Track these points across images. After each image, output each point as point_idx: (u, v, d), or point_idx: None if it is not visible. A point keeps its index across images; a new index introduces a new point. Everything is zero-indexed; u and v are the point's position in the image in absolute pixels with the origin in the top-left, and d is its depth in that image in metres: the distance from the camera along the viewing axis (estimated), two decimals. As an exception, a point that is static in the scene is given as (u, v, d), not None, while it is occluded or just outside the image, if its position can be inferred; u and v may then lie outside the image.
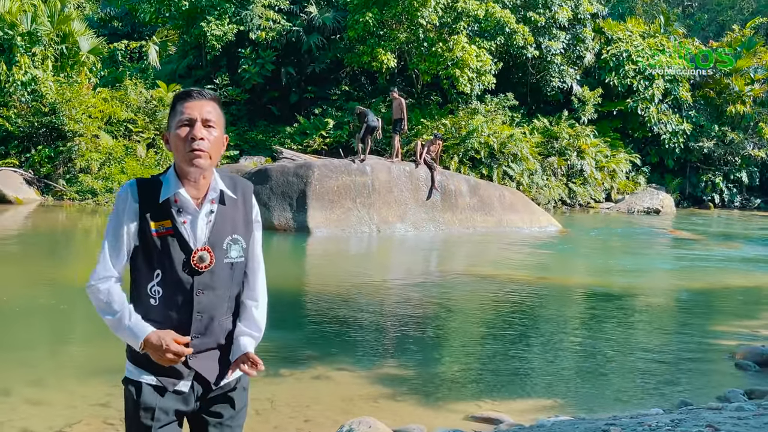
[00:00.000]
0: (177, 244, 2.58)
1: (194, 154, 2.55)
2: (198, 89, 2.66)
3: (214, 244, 2.61)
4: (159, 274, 2.58)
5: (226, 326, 2.71)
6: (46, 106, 23.62)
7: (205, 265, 2.58)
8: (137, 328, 2.53)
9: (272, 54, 29.88)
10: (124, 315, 2.55)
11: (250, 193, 2.77)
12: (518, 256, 16.31)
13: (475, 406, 6.47)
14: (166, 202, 2.59)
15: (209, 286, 2.61)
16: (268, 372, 7.07)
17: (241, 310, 2.77)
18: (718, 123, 33.75)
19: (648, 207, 29.93)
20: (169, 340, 2.50)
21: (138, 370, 2.64)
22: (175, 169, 2.64)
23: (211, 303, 2.63)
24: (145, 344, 2.51)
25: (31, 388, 6.48)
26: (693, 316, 11.09)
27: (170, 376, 2.62)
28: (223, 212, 2.65)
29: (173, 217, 2.58)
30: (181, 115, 2.59)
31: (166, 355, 2.49)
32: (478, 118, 28.19)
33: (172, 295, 2.59)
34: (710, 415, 5.64)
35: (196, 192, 2.62)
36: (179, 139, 2.57)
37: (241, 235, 2.69)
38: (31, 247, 15.08)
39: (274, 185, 18.23)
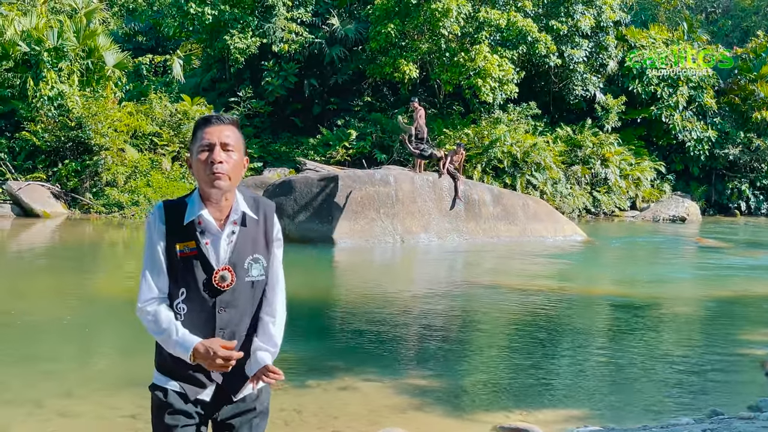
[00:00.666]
0: (200, 264, 2.72)
1: (214, 176, 2.67)
2: (217, 115, 2.80)
3: (235, 264, 2.74)
4: (184, 292, 2.73)
5: (248, 341, 2.84)
6: (73, 120, 23.88)
7: (226, 284, 2.72)
8: (185, 341, 2.68)
9: (295, 66, 30.05)
10: (171, 331, 2.69)
11: (271, 213, 2.88)
12: (543, 266, 16.24)
13: (503, 416, 6.44)
14: (191, 223, 2.72)
15: (231, 303, 2.75)
16: (295, 383, 7.12)
17: (258, 326, 2.87)
18: (743, 130, 33.43)
19: (673, 215, 29.70)
20: (217, 347, 2.63)
21: (164, 377, 2.81)
22: (199, 192, 2.77)
23: (233, 320, 2.77)
24: (194, 355, 2.66)
25: (61, 400, 6.54)
26: (721, 325, 10.97)
27: (194, 384, 2.78)
28: (245, 233, 2.77)
29: (197, 239, 2.72)
30: (202, 141, 2.71)
31: (216, 361, 2.63)
32: (501, 127, 28.13)
33: (196, 312, 2.74)
34: (742, 425, 5.58)
35: (218, 214, 2.75)
36: (200, 163, 2.70)
37: (261, 254, 2.80)
38: (59, 261, 15.23)
39: (298, 196, 18.29)
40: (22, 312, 10.25)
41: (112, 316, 10.11)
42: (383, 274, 14.40)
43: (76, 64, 25.90)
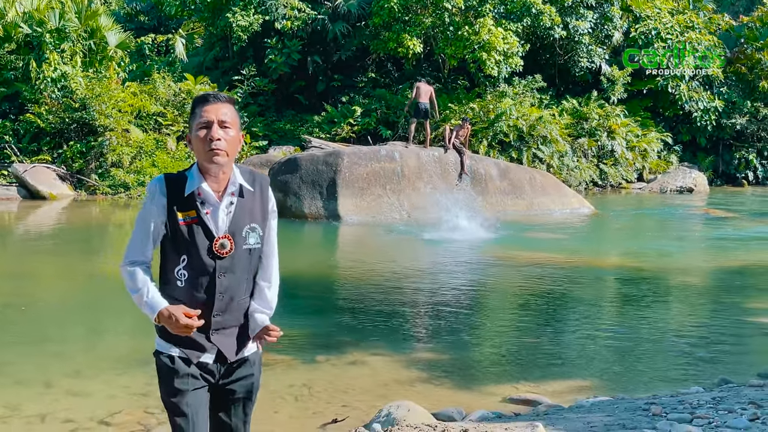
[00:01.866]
0: (201, 231, 2.88)
1: (213, 152, 2.83)
2: (214, 93, 2.96)
3: (234, 232, 2.91)
4: (185, 258, 2.89)
5: (245, 305, 3.03)
6: (77, 101, 23.80)
7: (226, 251, 2.89)
8: (153, 303, 2.84)
9: (298, 43, 29.89)
10: (143, 292, 2.85)
11: (266, 186, 3.05)
12: (551, 239, 16.20)
13: (512, 388, 6.45)
14: (191, 195, 2.88)
15: (230, 269, 2.91)
16: (304, 358, 7.15)
17: (255, 290, 3.07)
18: (750, 99, 33.19)
19: (681, 186, 29.57)
20: (179, 313, 2.78)
21: (167, 343, 2.95)
22: (198, 166, 2.92)
23: (231, 284, 2.93)
24: (158, 317, 2.82)
25: (71, 379, 6.57)
26: (729, 294, 10.95)
27: (195, 349, 2.92)
28: (242, 204, 2.94)
29: (197, 208, 2.88)
30: (200, 118, 2.87)
31: (176, 327, 2.79)
32: (506, 101, 27.96)
33: (196, 277, 2.90)
34: (752, 392, 5.58)
35: (217, 186, 2.90)
36: (199, 140, 2.86)
37: (258, 224, 2.98)
38: (67, 242, 15.26)
39: (304, 174, 18.26)
40: (30, 293, 10.29)
41: (120, 296, 10.07)
42: (390, 249, 14.38)
43: (78, 45, 25.77)
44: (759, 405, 4.93)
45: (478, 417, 5.50)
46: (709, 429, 4.39)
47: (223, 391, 3.01)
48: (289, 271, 11.45)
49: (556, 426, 4.73)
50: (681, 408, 5.04)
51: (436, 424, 4.83)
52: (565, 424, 4.84)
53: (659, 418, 4.80)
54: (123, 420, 5.64)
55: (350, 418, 5.67)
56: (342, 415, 5.73)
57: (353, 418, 5.67)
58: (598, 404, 5.70)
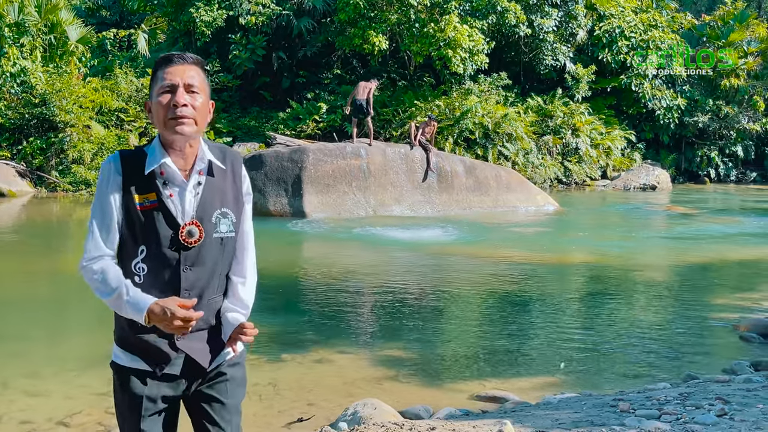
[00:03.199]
0: (163, 218, 2.46)
1: (178, 120, 2.43)
2: (179, 53, 2.52)
3: (202, 218, 2.50)
4: (144, 250, 2.47)
5: (216, 305, 2.61)
6: (36, 97, 23.41)
7: (194, 240, 2.47)
8: (138, 301, 2.40)
9: (263, 39, 29.65)
10: (122, 291, 2.41)
11: (239, 164, 2.65)
12: (515, 236, 16.24)
13: (479, 385, 6.41)
14: (152, 174, 2.47)
15: (197, 261, 2.50)
16: (269, 357, 7.04)
17: (228, 287, 2.66)
18: (712, 97, 33.63)
19: (644, 183, 29.87)
20: (174, 306, 2.37)
21: (124, 353, 2.55)
22: (159, 139, 2.52)
23: (200, 280, 2.52)
24: (149, 316, 2.39)
25: (29, 379, 6.42)
26: (693, 290, 11.03)
27: (158, 359, 2.51)
28: (212, 184, 2.53)
29: (159, 190, 2.47)
30: (163, 81, 2.46)
31: (174, 323, 2.37)
32: (472, 98, 28.01)
33: (157, 271, 2.47)
34: (719, 388, 5.59)
35: (183, 162, 2.51)
36: (161, 106, 2.45)
37: (230, 208, 2.57)
38: (26, 240, 14.98)
39: (269, 171, 18.10)
40: (-13, 292, 10.05)
41: (80, 295, 9.92)
42: (355, 247, 14.30)
43: (38, 40, 25.35)
44: (726, 400, 4.93)
45: (445, 415, 5.44)
46: (677, 425, 4.37)
47: (198, 402, 2.61)
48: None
49: (524, 423, 4.68)
50: (649, 404, 5.03)
51: (403, 423, 4.76)
52: (533, 421, 4.79)
53: (627, 414, 4.77)
54: (82, 420, 5.51)
55: (316, 417, 5.59)
56: (308, 414, 5.65)
57: (319, 417, 5.59)
58: (566, 401, 5.67)
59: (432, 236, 15.50)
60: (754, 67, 34.28)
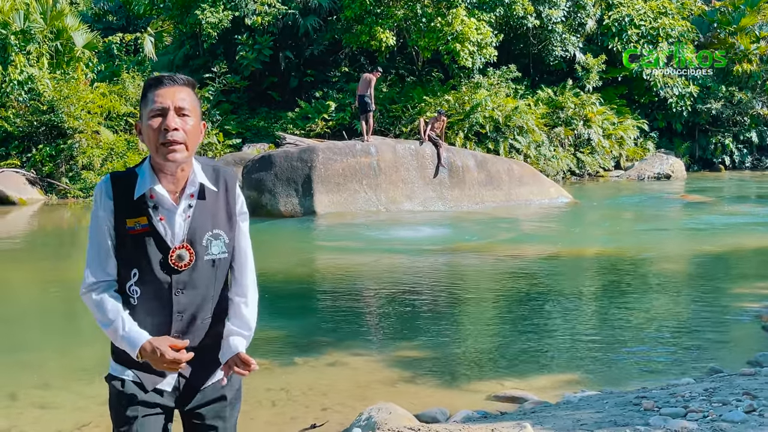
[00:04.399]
0: (153, 242, 2.46)
1: (169, 146, 2.41)
2: (170, 75, 2.50)
3: (193, 241, 2.49)
4: (136, 273, 2.48)
5: (211, 326, 2.60)
6: (45, 104, 23.37)
7: (184, 264, 2.48)
8: (132, 337, 2.45)
9: (269, 39, 29.51)
10: (117, 325, 2.46)
11: (233, 184, 2.62)
12: (529, 230, 16.06)
13: (497, 385, 6.26)
14: (142, 197, 2.47)
15: (189, 284, 2.50)
16: (281, 361, 6.91)
17: (229, 308, 2.66)
18: (725, 83, 33.22)
19: (658, 173, 29.53)
20: (165, 347, 2.41)
21: (121, 367, 2.58)
22: (150, 162, 2.52)
23: (192, 302, 2.52)
24: (141, 353, 2.43)
25: (38, 391, 6.35)
26: (713, 280, 10.84)
27: (151, 374, 2.53)
28: (203, 207, 2.52)
29: (149, 214, 2.46)
30: (153, 104, 2.44)
31: (162, 364, 2.42)
32: (482, 92, 27.78)
33: (150, 294, 2.49)
34: (745, 382, 5.41)
35: (173, 186, 2.50)
36: (152, 130, 2.43)
37: (222, 229, 2.55)
38: (37, 248, 14.93)
39: (279, 171, 17.97)
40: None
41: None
42: (367, 246, 14.16)
43: (44, 47, 25.32)
44: (754, 395, 4.75)
45: (462, 418, 5.29)
46: (704, 423, 4.20)
47: (191, 420, 2.64)
48: (264, 271, 11.22)
49: (544, 425, 4.53)
50: (673, 401, 4.85)
51: (419, 427, 4.63)
52: (553, 422, 4.63)
53: (651, 413, 4.60)
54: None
55: (330, 423, 5.47)
56: (321, 420, 5.52)
57: (333, 423, 5.48)
58: (587, 399, 5.51)
59: (444, 233, 15.34)
60: (766, 52, 33.85)
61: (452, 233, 15.38)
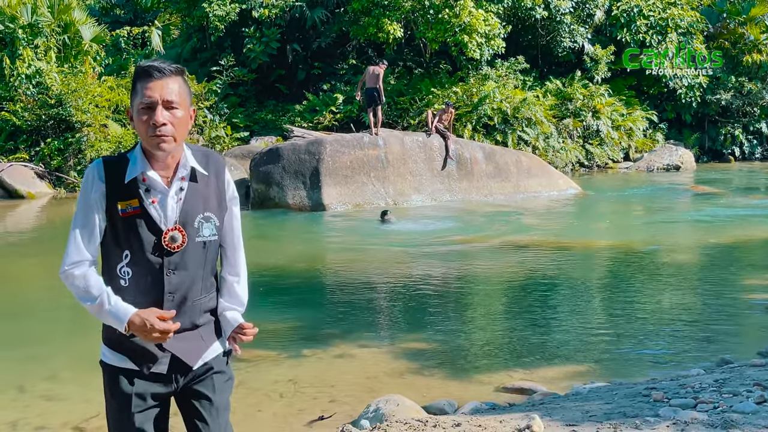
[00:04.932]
0: (145, 224, 2.51)
1: (158, 139, 2.46)
2: (159, 64, 2.50)
3: (185, 223, 2.54)
4: (128, 254, 2.52)
5: (202, 306, 2.65)
6: (52, 98, 23.34)
7: (177, 245, 2.52)
8: (119, 311, 2.46)
9: (276, 31, 29.45)
10: (103, 300, 2.47)
11: (223, 169, 2.69)
12: (538, 221, 15.99)
13: (506, 376, 6.23)
14: (133, 181, 2.51)
15: (180, 265, 2.55)
16: (289, 353, 6.90)
17: (222, 286, 2.76)
18: (734, 74, 32.98)
19: (667, 164, 29.36)
20: (153, 319, 2.43)
21: (112, 353, 2.59)
22: (142, 147, 2.55)
23: (183, 283, 2.57)
24: (129, 326, 2.45)
25: (46, 383, 6.36)
26: (722, 271, 10.77)
27: (145, 359, 2.56)
28: (194, 189, 2.58)
29: (141, 197, 2.51)
30: (142, 98, 2.47)
31: (152, 335, 2.44)
32: (490, 83, 27.65)
33: (141, 275, 2.52)
34: (755, 373, 5.36)
35: (165, 171, 2.55)
36: (141, 123, 2.47)
37: (213, 212, 2.62)
38: (45, 241, 14.95)
39: (287, 164, 17.95)
40: (7, 294, 10.01)
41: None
42: (375, 237, 14.12)
43: (52, 40, 25.29)
44: (765, 386, 4.70)
45: (470, 409, 5.26)
46: (714, 414, 4.15)
47: (187, 399, 2.65)
48: (272, 263, 11.25)
49: (553, 417, 4.49)
50: (683, 392, 4.81)
51: (427, 419, 4.59)
52: (562, 414, 4.59)
53: (661, 404, 4.56)
54: (99, 425, 5.41)
55: (338, 414, 5.46)
56: (329, 412, 5.51)
57: (341, 414, 5.46)
58: (596, 390, 5.47)
59: (452, 225, 15.29)
60: (776, 42, 33.62)
61: (460, 225, 15.33)
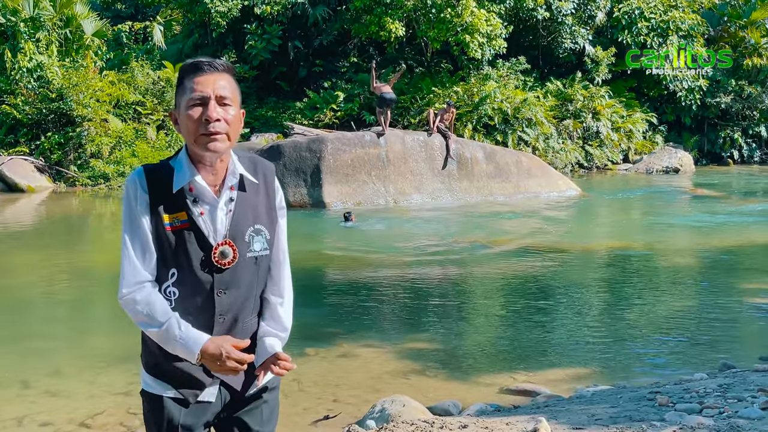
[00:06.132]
0: (194, 238, 2.29)
1: (210, 137, 2.24)
2: (209, 60, 2.31)
3: (235, 237, 2.32)
4: (174, 273, 2.30)
5: (251, 327, 2.45)
6: (53, 91, 23.34)
7: (227, 262, 2.30)
8: (190, 338, 2.25)
9: (278, 28, 29.46)
10: (172, 325, 2.26)
11: (272, 176, 2.47)
12: (538, 223, 16.02)
13: (509, 378, 6.25)
14: (180, 191, 2.29)
15: (232, 284, 2.33)
16: (293, 351, 6.85)
17: (264, 308, 2.49)
18: (734, 77, 33.04)
19: (667, 166, 29.43)
20: (229, 347, 2.23)
21: (156, 382, 2.39)
22: (187, 152, 2.33)
23: (234, 303, 2.35)
24: (202, 355, 2.24)
25: (50, 379, 6.35)
26: (723, 274, 10.80)
27: (192, 387, 2.36)
28: (244, 200, 2.36)
29: (189, 209, 2.29)
30: (192, 93, 2.26)
31: (228, 364, 2.23)
32: (491, 83, 27.69)
33: (190, 296, 2.31)
34: (759, 378, 5.39)
35: (213, 178, 2.32)
36: (191, 120, 2.25)
37: (264, 224, 2.39)
38: (46, 235, 14.95)
39: (288, 161, 17.97)
40: (9, 289, 10.00)
41: (102, 291, 9.86)
42: (377, 237, 14.15)
43: (54, 34, 25.29)
44: (769, 392, 4.73)
45: (475, 411, 5.29)
46: (720, 420, 4.18)
47: (233, 423, 2.47)
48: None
49: (558, 420, 4.51)
50: (688, 397, 4.84)
51: (434, 420, 4.61)
52: (567, 417, 4.62)
53: (666, 408, 4.59)
54: (105, 421, 5.43)
55: (342, 414, 5.47)
56: (334, 412, 5.52)
57: (345, 414, 5.47)
58: (600, 394, 5.50)
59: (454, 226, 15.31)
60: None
61: (462, 226, 15.34)
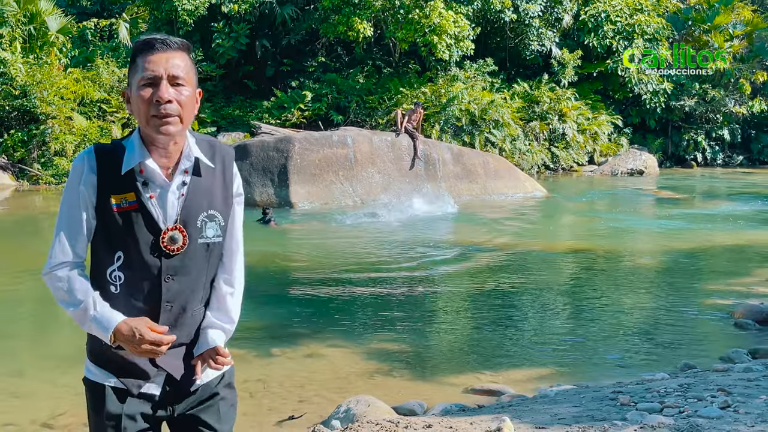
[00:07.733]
0: (143, 221, 2.20)
1: (162, 119, 2.15)
2: (162, 37, 2.24)
3: (186, 222, 2.24)
4: (120, 256, 2.21)
5: (200, 317, 2.37)
6: (17, 89, 23.01)
7: (177, 247, 2.22)
8: (105, 318, 2.18)
9: (246, 27, 29.32)
10: (88, 305, 2.19)
11: (231, 161, 2.37)
12: (504, 224, 16.12)
13: (474, 378, 6.29)
14: (130, 172, 2.20)
15: (180, 270, 2.25)
16: (258, 352, 6.88)
17: (212, 296, 2.40)
18: (698, 81, 33.58)
19: (631, 168, 29.80)
20: (144, 329, 2.15)
21: (99, 370, 2.32)
22: (140, 133, 2.24)
23: (183, 290, 2.27)
24: (115, 336, 2.17)
25: (12, 379, 6.28)
26: (685, 276, 10.95)
27: (135, 377, 2.27)
28: (198, 184, 2.26)
29: (138, 190, 2.19)
30: (144, 72, 2.17)
31: (141, 347, 2.15)
32: (458, 85, 27.82)
33: (136, 281, 2.23)
34: (719, 378, 5.48)
35: (166, 161, 2.23)
36: (142, 101, 2.16)
37: (218, 210, 2.30)
38: (9, 234, 14.73)
39: (255, 161, 17.89)
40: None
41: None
42: (343, 237, 14.14)
43: (17, 31, 24.90)
44: (728, 391, 4.82)
45: (440, 410, 5.32)
46: (680, 419, 4.25)
47: (188, 421, 2.37)
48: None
49: (522, 419, 4.55)
50: (649, 396, 4.91)
51: (399, 420, 4.63)
52: (531, 416, 4.67)
53: (628, 408, 4.65)
54: (67, 422, 5.38)
55: (308, 414, 5.47)
56: (299, 412, 5.52)
57: (311, 414, 5.47)
58: (563, 393, 5.56)
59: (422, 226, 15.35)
60: (739, 51, 34.23)
61: (428, 226, 15.40)
